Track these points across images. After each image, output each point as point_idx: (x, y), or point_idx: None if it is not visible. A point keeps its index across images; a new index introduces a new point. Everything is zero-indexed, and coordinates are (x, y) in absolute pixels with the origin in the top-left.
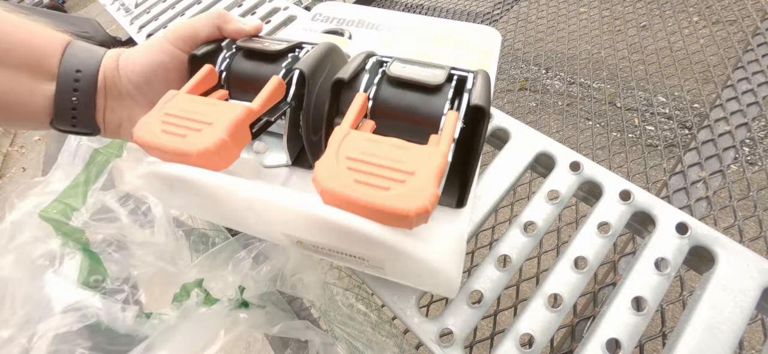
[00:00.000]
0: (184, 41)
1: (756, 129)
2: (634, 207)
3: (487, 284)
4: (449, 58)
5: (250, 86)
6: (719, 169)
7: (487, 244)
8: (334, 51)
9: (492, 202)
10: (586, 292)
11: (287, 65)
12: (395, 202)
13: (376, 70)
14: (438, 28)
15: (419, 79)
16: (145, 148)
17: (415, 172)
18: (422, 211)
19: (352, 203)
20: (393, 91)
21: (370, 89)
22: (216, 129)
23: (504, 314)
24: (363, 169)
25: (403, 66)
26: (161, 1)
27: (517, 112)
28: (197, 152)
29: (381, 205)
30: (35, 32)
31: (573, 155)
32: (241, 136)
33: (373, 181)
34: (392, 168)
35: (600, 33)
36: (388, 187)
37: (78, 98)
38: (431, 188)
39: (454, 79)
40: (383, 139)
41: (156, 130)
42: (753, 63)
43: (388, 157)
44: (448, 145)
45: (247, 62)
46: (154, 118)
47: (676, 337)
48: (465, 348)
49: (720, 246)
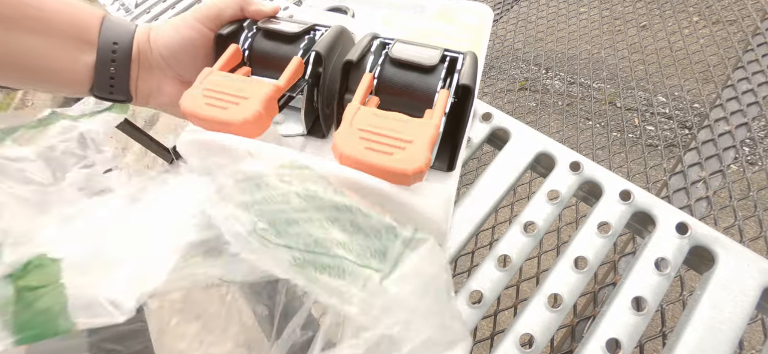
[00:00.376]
0: (210, 20)
1: (756, 129)
2: (634, 207)
3: (487, 284)
4: (444, 34)
5: (270, 64)
6: (719, 169)
7: (487, 244)
8: (344, 33)
9: (492, 202)
10: (586, 292)
11: (304, 46)
12: (397, 164)
13: (379, 51)
14: (435, 6)
15: (416, 61)
16: (191, 118)
17: (412, 140)
18: (418, 172)
19: (364, 165)
20: (394, 71)
21: (375, 69)
22: (252, 102)
23: (504, 314)
24: (372, 138)
25: (403, 48)
26: (161, 1)
27: (517, 112)
28: (238, 122)
29: (386, 166)
30: (74, 4)
31: (573, 155)
32: (271, 108)
33: (379, 148)
34: (395, 137)
35: (600, 33)
36: (391, 152)
37: (115, 68)
38: (426, 153)
39: (446, 60)
40: (388, 114)
41: (200, 102)
42: (753, 63)
43: (392, 128)
44: (439, 118)
45: (268, 42)
46: (197, 92)
47: (676, 337)
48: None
49: (720, 246)
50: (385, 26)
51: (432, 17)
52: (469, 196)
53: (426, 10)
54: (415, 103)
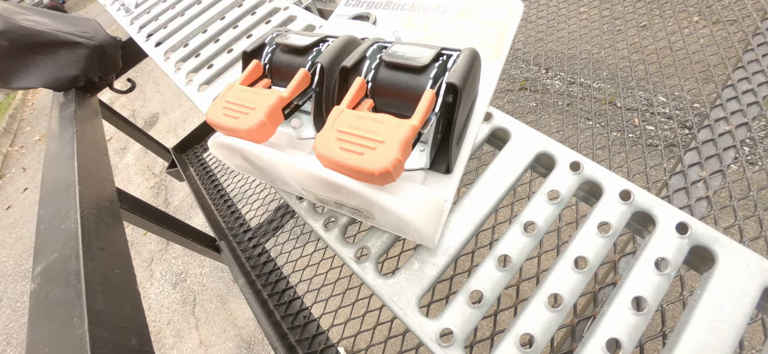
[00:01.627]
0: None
1: (756, 129)
2: (634, 207)
3: (487, 284)
4: (467, 31)
5: (286, 75)
6: (719, 168)
7: (487, 244)
8: (351, 42)
9: (492, 202)
10: (586, 292)
11: (312, 58)
12: (366, 164)
13: (375, 55)
14: (458, 4)
15: (408, 62)
16: (213, 126)
17: (385, 140)
18: (385, 171)
19: (337, 164)
20: (387, 73)
21: (369, 73)
22: (257, 112)
23: (504, 314)
24: (347, 139)
25: (397, 50)
26: (161, 1)
27: (517, 112)
28: (245, 130)
29: (356, 165)
30: None
31: (573, 155)
32: (276, 117)
33: (352, 148)
34: (368, 138)
35: (600, 33)
36: (362, 152)
37: None
38: (394, 153)
39: (440, 59)
40: (367, 115)
41: (220, 113)
42: (753, 63)
43: (367, 129)
44: (418, 118)
45: (284, 56)
46: (219, 104)
47: (676, 337)
48: (465, 348)
49: (720, 246)
50: (405, 30)
51: (455, 16)
52: (469, 196)
53: (449, 10)
54: (408, 104)
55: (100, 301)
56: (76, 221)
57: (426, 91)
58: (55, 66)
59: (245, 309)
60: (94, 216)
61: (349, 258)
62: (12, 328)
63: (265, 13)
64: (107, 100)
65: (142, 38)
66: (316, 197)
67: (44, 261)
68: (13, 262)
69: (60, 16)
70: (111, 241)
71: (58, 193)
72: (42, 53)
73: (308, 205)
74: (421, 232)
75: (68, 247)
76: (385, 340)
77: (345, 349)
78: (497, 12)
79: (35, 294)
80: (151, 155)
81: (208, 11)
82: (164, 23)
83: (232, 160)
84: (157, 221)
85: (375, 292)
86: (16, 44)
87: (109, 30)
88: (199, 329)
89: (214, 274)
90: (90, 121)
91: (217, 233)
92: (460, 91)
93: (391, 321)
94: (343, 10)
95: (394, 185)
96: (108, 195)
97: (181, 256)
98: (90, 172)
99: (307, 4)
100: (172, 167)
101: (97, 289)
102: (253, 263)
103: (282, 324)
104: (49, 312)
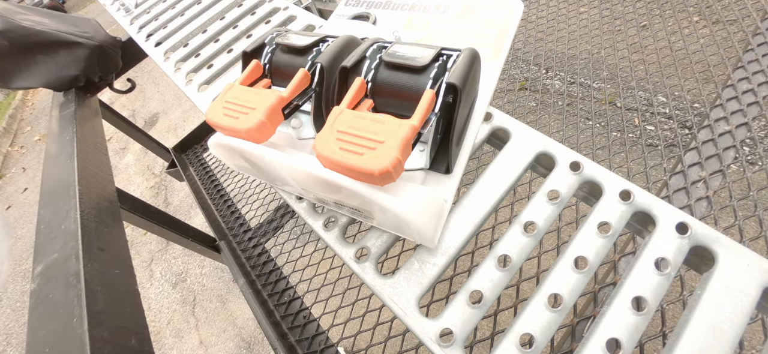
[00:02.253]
0: None
1: (756, 129)
2: (634, 207)
3: (487, 284)
4: (467, 31)
5: (285, 75)
6: (719, 168)
7: (487, 244)
8: (351, 42)
9: (492, 202)
10: (586, 292)
11: (312, 58)
12: (365, 164)
13: (375, 55)
14: (458, 4)
15: (407, 62)
16: (213, 126)
17: (384, 141)
18: (384, 172)
19: (336, 164)
20: (387, 73)
21: (368, 73)
22: (257, 113)
23: (504, 314)
24: (347, 139)
25: (397, 50)
26: (161, 1)
27: (517, 112)
28: (244, 130)
29: (355, 165)
30: None
31: (573, 155)
32: (275, 117)
33: (352, 148)
34: (368, 138)
35: (600, 33)
36: (362, 153)
37: None
38: (394, 153)
39: (440, 59)
40: (367, 115)
41: (220, 113)
42: (753, 63)
43: (367, 129)
44: (418, 118)
45: (283, 56)
46: (219, 104)
47: (676, 337)
48: (465, 348)
49: (720, 246)
50: (405, 30)
51: (455, 16)
52: (469, 196)
53: (449, 10)
54: (408, 105)
55: (100, 302)
56: (75, 221)
57: (426, 91)
58: (55, 66)
59: (245, 309)
60: (94, 216)
61: (349, 258)
62: (12, 328)
63: (265, 13)
64: (107, 100)
65: (142, 38)
66: (316, 197)
67: (44, 261)
68: (13, 262)
69: (60, 16)
70: (111, 241)
71: (58, 193)
72: (42, 53)
73: (308, 205)
74: (421, 232)
75: (68, 248)
76: (385, 340)
77: (345, 349)
78: (497, 12)
79: (35, 294)
80: (151, 155)
81: (207, 11)
82: (164, 23)
83: (232, 160)
84: (157, 221)
85: (375, 292)
86: (16, 44)
87: (109, 30)
88: (199, 329)
89: (214, 274)
90: (90, 121)
91: (217, 233)
92: (460, 91)
93: (391, 321)
94: (343, 10)
95: (393, 185)
96: (108, 195)
97: (181, 256)
98: (90, 172)
99: (307, 4)
100: (172, 167)
101: (97, 290)
102: (253, 263)
103: (282, 324)
104: (49, 312)
